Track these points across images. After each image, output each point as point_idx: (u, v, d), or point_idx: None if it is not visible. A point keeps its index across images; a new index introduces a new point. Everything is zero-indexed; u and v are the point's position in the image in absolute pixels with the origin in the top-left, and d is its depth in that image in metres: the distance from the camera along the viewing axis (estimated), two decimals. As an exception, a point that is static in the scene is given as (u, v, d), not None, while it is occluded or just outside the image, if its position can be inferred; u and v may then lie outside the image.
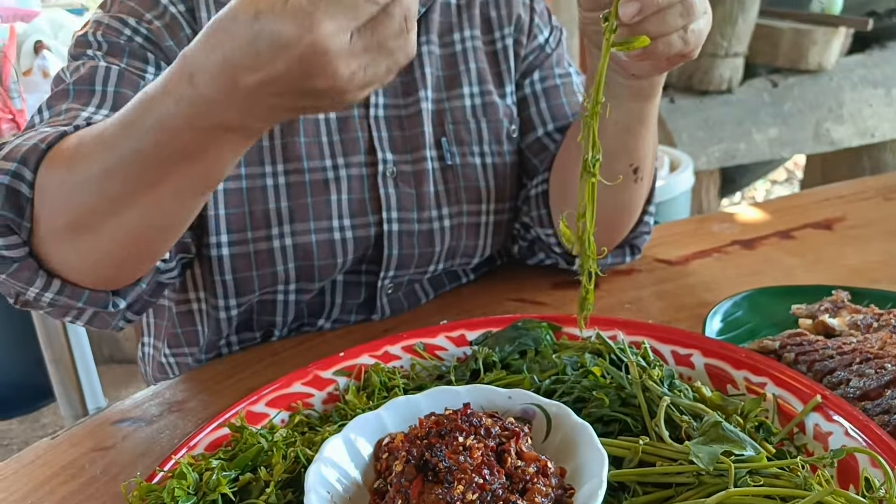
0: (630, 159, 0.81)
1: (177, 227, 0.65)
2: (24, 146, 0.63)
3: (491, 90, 0.91)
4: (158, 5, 0.79)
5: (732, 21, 2.37)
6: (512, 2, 0.94)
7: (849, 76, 2.64)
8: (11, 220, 0.62)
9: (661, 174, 1.63)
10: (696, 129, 2.41)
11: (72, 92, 0.74)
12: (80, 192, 0.60)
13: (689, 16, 0.62)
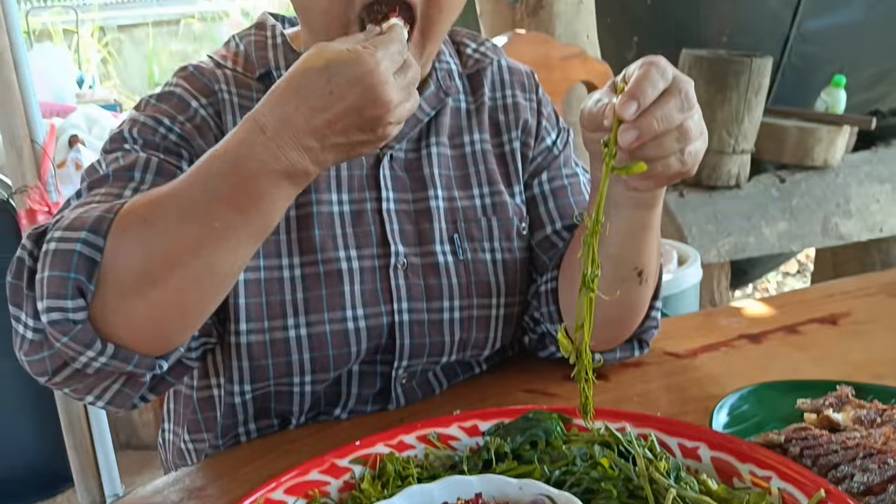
0: (634, 263, 0.84)
1: (231, 279, 0.70)
2: (88, 216, 0.68)
3: (501, 190, 0.96)
4: (189, 108, 0.85)
5: (739, 120, 2.45)
6: (519, 107, 0.99)
7: (855, 172, 2.70)
8: (83, 283, 0.66)
9: (670, 268, 1.66)
10: (705, 223, 2.45)
11: (111, 177, 0.79)
12: (152, 244, 0.66)
13: (685, 140, 0.68)
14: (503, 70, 1.01)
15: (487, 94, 0.98)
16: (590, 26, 2.24)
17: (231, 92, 0.87)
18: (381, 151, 0.91)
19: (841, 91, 2.70)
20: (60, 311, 0.65)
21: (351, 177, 0.89)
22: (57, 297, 0.65)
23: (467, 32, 1.03)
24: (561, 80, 1.74)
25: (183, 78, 0.88)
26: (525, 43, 1.71)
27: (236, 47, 0.92)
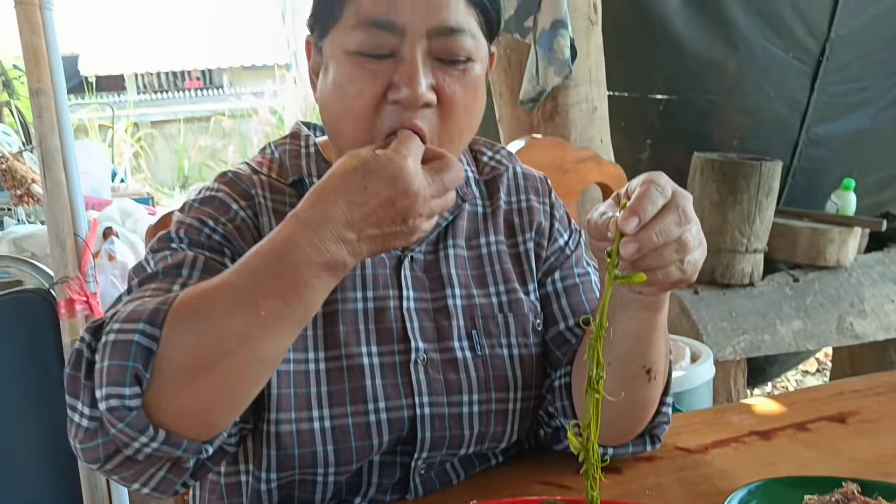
0: (642, 362, 0.88)
1: (273, 364, 0.76)
2: (144, 309, 0.73)
3: (516, 288, 1.01)
4: (230, 210, 0.92)
5: (750, 221, 2.52)
6: (533, 210, 1.05)
7: (868, 273, 2.74)
8: (140, 371, 0.70)
9: (683, 365, 1.69)
10: (720, 321, 2.49)
11: (160, 274, 0.84)
12: (203, 333, 0.71)
13: (684, 251, 0.73)
14: (518, 176, 1.07)
15: (503, 198, 1.05)
16: (603, 131, 2.34)
17: (266, 197, 0.93)
18: (402, 253, 0.97)
19: (851, 194, 2.77)
20: (118, 398, 0.69)
21: (375, 276, 0.95)
22: (116, 385, 0.69)
23: (484, 141, 1.10)
24: (576, 182, 1.82)
25: (224, 183, 0.95)
26: (541, 147, 1.79)
27: (272, 154, 0.99)
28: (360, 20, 0.83)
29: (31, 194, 3.79)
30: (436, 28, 0.83)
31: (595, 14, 2.27)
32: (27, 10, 1.68)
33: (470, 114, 0.89)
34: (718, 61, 2.74)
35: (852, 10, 2.72)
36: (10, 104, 6.10)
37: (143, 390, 0.70)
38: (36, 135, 1.72)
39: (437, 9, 0.83)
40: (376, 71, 0.84)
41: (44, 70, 1.70)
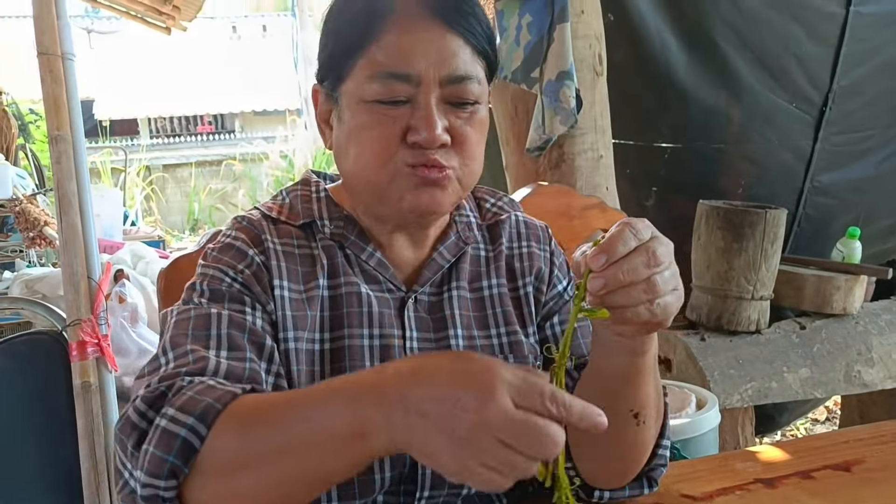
0: (630, 405, 0.89)
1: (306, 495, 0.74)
2: (200, 401, 0.75)
3: (517, 330, 1.04)
4: (247, 257, 0.95)
5: (756, 268, 2.53)
6: (534, 256, 1.09)
7: (875, 321, 2.74)
8: (178, 468, 0.72)
9: (688, 412, 1.70)
10: (727, 368, 2.49)
11: (190, 336, 0.87)
12: (246, 446, 0.72)
13: (653, 293, 0.74)
14: (520, 223, 1.11)
15: (505, 243, 1.08)
16: (609, 178, 2.37)
17: (275, 241, 0.97)
18: (406, 294, 1.00)
19: (856, 242, 2.79)
20: (154, 488, 0.72)
21: (381, 314, 0.97)
22: (153, 476, 0.72)
23: (487, 189, 1.14)
24: (581, 229, 1.84)
25: (239, 230, 0.99)
26: (548, 194, 1.82)
27: (283, 200, 1.04)
28: (377, 72, 0.89)
29: (44, 237, 3.84)
30: (447, 76, 0.90)
31: (600, 65, 2.33)
32: (50, 61, 1.74)
33: (479, 151, 0.95)
34: (723, 111, 2.79)
35: (853, 62, 2.77)
36: (25, 147, 6.21)
37: (180, 482, 0.73)
38: (54, 180, 1.76)
39: (448, 59, 0.90)
40: (394, 117, 0.90)
41: (63, 118, 1.76)
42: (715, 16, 2.67)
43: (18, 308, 1.93)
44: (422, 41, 0.90)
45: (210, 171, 12.82)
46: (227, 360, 0.84)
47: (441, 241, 1.03)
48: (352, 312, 0.96)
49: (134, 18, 5.66)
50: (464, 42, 0.91)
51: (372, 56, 0.90)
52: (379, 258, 1.00)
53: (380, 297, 0.98)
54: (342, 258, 0.99)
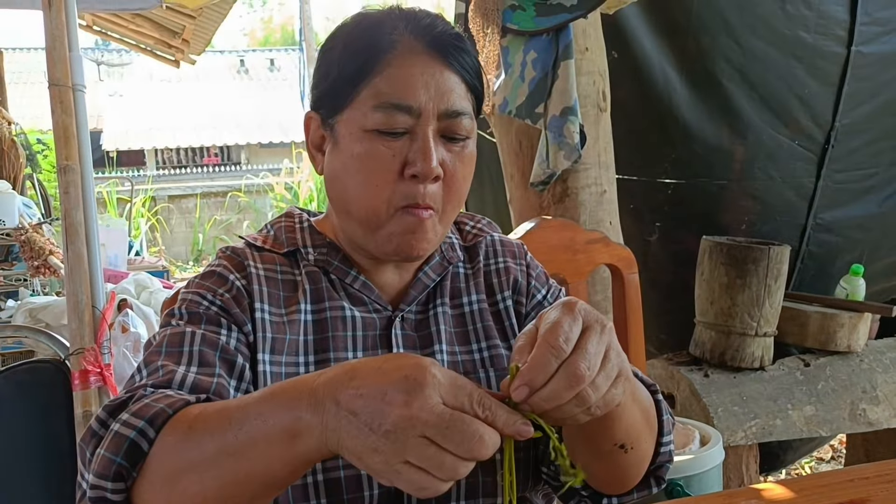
0: (613, 441, 0.88)
1: None
2: (153, 407, 0.78)
3: (497, 344, 1.06)
4: (227, 282, 0.99)
5: (759, 304, 2.53)
6: (510, 270, 1.12)
7: (879, 359, 2.73)
8: (125, 469, 0.75)
9: (692, 448, 1.68)
10: (731, 405, 2.47)
11: (164, 353, 0.91)
12: (187, 450, 0.74)
13: (585, 404, 0.70)
14: (496, 242, 1.15)
15: (482, 260, 1.12)
16: (612, 213, 2.38)
17: (258, 267, 1.01)
18: (393, 313, 1.03)
19: (860, 279, 2.78)
20: (101, 490, 0.75)
21: (365, 336, 1.00)
22: (101, 478, 0.75)
23: (466, 213, 1.18)
24: (585, 263, 1.84)
25: (222, 258, 1.03)
26: (552, 228, 1.83)
27: (267, 232, 1.08)
28: (381, 102, 0.93)
29: (48, 266, 3.86)
30: (445, 111, 0.94)
31: (604, 101, 2.35)
32: (61, 92, 1.77)
33: (465, 185, 0.99)
34: (726, 148, 2.80)
35: (855, 101, 2.79)
36: (32, 177, 6.26)
37: (128, 486, 0.75)
38: (61, 209, 1.78)
39: (446, 93, 0.95)
40: (394, 148, 0.93)
41: (72, 148, 1.78)
42: (717, 54, 2.70)
43: (22, 336, 1.94)
44: (423, 75, 0.94)
45: (215, 202, 12.90)
46: (195, 374, 0.87)
47: (426, 262, 1.07)
48: (337, 336, 0.98)
49: (144, 51, 5.75)
50: (459, 79, 0.97)
51: (375, 87, 0.94)
52: (363, 280, 1.03)
53: (366, 319, 1.01)
54: (326, 283, 1.02)
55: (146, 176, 13.92)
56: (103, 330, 1.69)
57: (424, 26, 0.97)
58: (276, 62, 21.43)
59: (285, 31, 30.44)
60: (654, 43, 2.69)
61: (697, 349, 2.67)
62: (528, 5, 2.16)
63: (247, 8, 33.13)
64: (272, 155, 16.16)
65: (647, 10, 2.63)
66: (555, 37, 2.16)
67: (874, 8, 2.73)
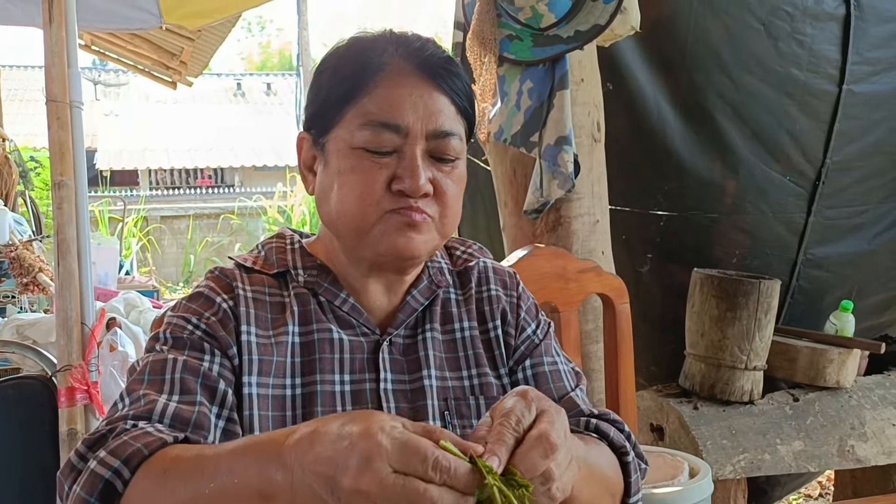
0: None
1: None
2: (130, 446, 0.78)
3: (487, 372, 1.06)
4: (214, 304, 0.99)
5: (749, 338, 2.54)
6: (500, 299, 1.12)
7: (868, 395, 2.73)
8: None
9: (681, 480, 1.68)
10: (720, 438, 2.46)
11: (146, 381, 0.91)
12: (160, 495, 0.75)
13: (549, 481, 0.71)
14: (488, 269, 1.15)
15: (474, 287, 1.12)
16: (605, 244, 2.39)
17: (246, 288, 1.01)
18: (381, 337, 1.03)
19: (849, 315, 2.79)
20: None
21: (353, 360, 1.00)
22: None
23: (457, 238, 1.19)
24: (577, 292, 1.85)
25: (210, 279, 1.03)
26: (544, 256, 1.84)
27: (258, 253, 1.08)
28: (368, 121, 0.95)
29: (37, 283, 3.84)
30: (433, 131, 0.96)
31: (598, 132, 2.37)
32: (58, 108, 1.77)
33: (457, 205, 1.01)
34: (718, 182, 2.83)
35: (846, 138, 2.83)
36: (24, 194, 6.24)
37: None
38: (54, 224, 1.78)
39: (435, 114, 0.96)
40: (381, 163, 0.95)
41: (67, 164, 1.78)
42: (711, 89, 2.73)
43: (9, 352, 1.92)
44: (411, 96, 0.95)
45: (208, 223, 12.88)
46: (176, 404, 0.87)
47: (414, 285, 1.07)
48: (324, 358, 0.98)
49: (141, 72, 5.77)
50: (449, 101, 0.98)
51: (363, 106, 0.95)
52: (352, 303, 1.03)
53: (353, 342, 1.01)
54: (315, 305, 1.02)
55: (139, 196, 13.91)
56: (91, 347, 1.68)
57: (414, 49, 0.99)
58: (273, 86, 21.55)
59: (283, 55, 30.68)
60: (649, 76, 2.72)
61: (687, 381, 2.66)
62: (525, 36, 2.19)
63: (245, 32, 33.43)
64: (266, 178, 16.18)
65: (643, 44, 2.67)
66: (551, 67, 2.19)
67: (865, 48, 2.77)
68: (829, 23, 2.73)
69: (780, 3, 2.67)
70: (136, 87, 18.93)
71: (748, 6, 2.66)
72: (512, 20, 2.19)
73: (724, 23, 2.67)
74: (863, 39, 2.76)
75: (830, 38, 2.74)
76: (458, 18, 2.43)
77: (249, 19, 31.68)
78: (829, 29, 2.73)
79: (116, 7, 3.36)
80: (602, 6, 2.12)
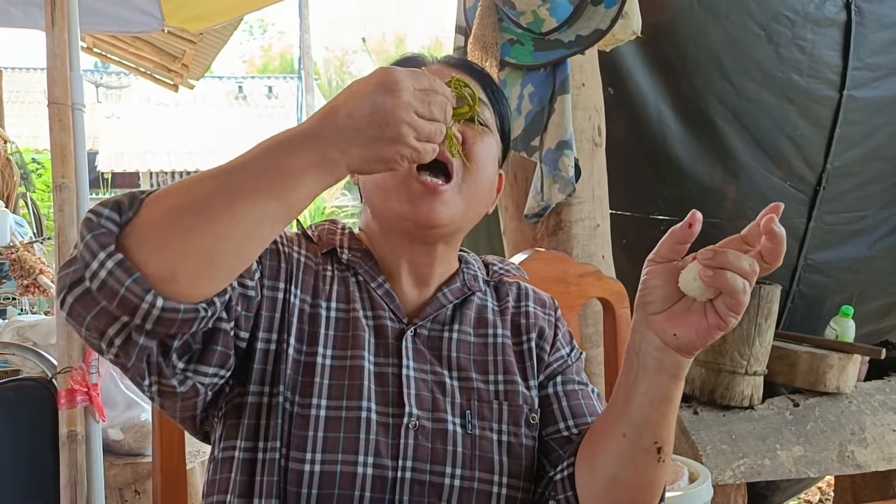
0: (654, 437, 0.91)
1: (255, 249, 0.81)
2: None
3: (515, 380, 1.06)
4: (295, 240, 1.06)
5: (749, 342, 2.54)
6: (538, 316, 1.14)
7: (868, 401, 2.73)
8: (123, 205, 0.77)
9: (680, 485, 1.67)
10: (720, 443, 2.46)
11: None
12: (187, 193, 0.77)
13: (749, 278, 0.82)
14: (529, 291, 1.18)
15: (511, 302, 1.14)
16: (605, 248, 2.40)
17: (301, 253, 1.05)
18: (406, 326, 1.05)
19: (850, 321, 2.80)
20: (96, 215, 0.76)
21: (378, 344, 1.02)
22: (99, 206, 0.77)
23: (495, 257, 1.22)
24: (577, 296, 1.85)
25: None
26: (544, 260, 1.83)
27: (314, 229, 1.12)
28: None
29: (38, 285, 3.84)
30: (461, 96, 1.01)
31: (599, 137, 2.37)
32: (60, 110, 1.78)
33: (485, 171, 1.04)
34: (718, 187, 2.83)
35: (846, 144, 2.83)
36: (25, 196, 6.25)
37: (121, 223, 0.75)
38: (55, 226, 1.78)
39: None
40: None
41: (69, 166, 1.78)
42: (711, 94, 2.74)
43: (9, 354, 1.92)
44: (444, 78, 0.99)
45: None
46: None
47: (447, 284, 1.09)
48: (357, 336, 1.00)
49: (143, 75, 5.78)
50: (480, 87, 1.06)
51: None
52: (387, 289, 1.06)
53: (380, 326, 1.03)
54: (354, 285, 1.05)
55: (141, 199, 13.88)
56: (91, 349, 1.68)
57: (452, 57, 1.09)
58: (275, 89, 21.57)
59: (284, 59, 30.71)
60: (650, 81, 2.73)
61: (687, 386, 2.66)
62: (526, 40, 2.19)
63: (247, 35, 33.47)
64: (267, 181, 16.16)
65: (644, 49, 2.68)
66: (552, 71, 2.19)
67: (866, 54, 2.78)
68: (830, 28, 2.73)
69: (781, 8, 2.68)
70: (138, 90, 18.95)
71: (749, 11, 2.67)
72: (513, 24, 2.20)
73: (725, 28, 2.68)
74: (863, 45, 2.77)
75: (831, 43, 2.75)
76: (460, 22, 2.44)
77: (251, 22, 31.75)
78: (829, 34, 2.74)
79: (118, 10, 3.37)
80: (603, 11, 2.12)
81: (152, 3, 3.35)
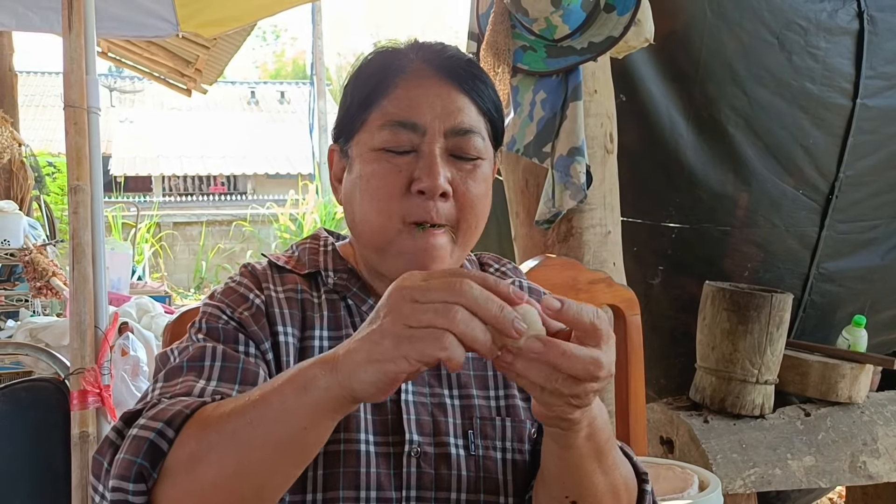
0: (565, 492, 0.90)
1: (271, 496, 0.78)
2: (170, 410, 0.78)
3: (515, 394, 1.05)
4: (247, 300, 1.00)
5: (761, 351, 2.52)
6: None
7: (881, 411, 2.71)
8: (146, 470, 0.75)
9: (690, 493, 1.67)
10: (730, 452, 2.45)
11: (185, 368, 0.91)
12: (206, 448, 0.75)
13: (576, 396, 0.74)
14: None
15: None
16: (616, 255, 2.39)
17: (277, 290, 1.01)
18: None
19: (862, 330, 2.78)
20: (123, 492, 0.75)
21: None
22: (122, 479, 0.75)
23: (491, 255, 1.19)
24: (588, 302, 1.84)
25: (243, 275, 1.04)
26: (555, 266, 1.84)
27: (293, 252, 1.09)
28: (387, 121, 0.95)
29: (50, 287, 3.87)
30: (452, 128, 0.96)
31: (611, 143, 2.37)
32: (76, 113, 1.79)
33: (480, 207, 0.99)
34: (730, 195, 2.82)
35: (859, 153, 2.82)
36: (39, 198, 6.30)
37: (149, 488, 0.75)
38: (69, 229, 1.79)
39: (454, 112, 0.96)
40: (400, 165, 0.95)
41: (84, 169, 1.80)
42: (724, 102, 2.73)
43: (22, 354, 1.94)
44: (429, 95, 0.96)
45: (220, 230, 12.94)
46: (214, 388, 0.87)
47: None
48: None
49: (157, 79, 5.82)
50: (470, 101, 0.99)
51: (383, 108, 0.97)
52: None
53: None
54: (344, 310, 1.02)
55: (152, 202, 13.99)
56: (104, 351, 1.69)
57: (435, 52, 1.00)
58: (287, 95, 21.67)
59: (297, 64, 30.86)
60: (662, 88, 2.72)
61: (698, 394, 2.65)
62: (539, 46, 2.20)
63: (260, 41, 33.63)
64: (278, 186, 16.25)
65: (656, 57, 2.67)
66: (564, 78, 2.19)
67: (879, 62, 2.77)
68: (843, 37, 2.72)
69: (794, 16, 2.67)
70: (151, 94, 19.07)
71: (762, 20, 2.67)
72: (526, 31, 2.20)
73: (738, 36, 2.68)
74: (876, 54, 2.75)
75: (844, 52, 2.73)
76: (472, 29, 2.45)
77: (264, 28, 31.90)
78: (842, 43, 2.73)
79: (134, 15, 3.40)
80: (616, 18, 2.12)
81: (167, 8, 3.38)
